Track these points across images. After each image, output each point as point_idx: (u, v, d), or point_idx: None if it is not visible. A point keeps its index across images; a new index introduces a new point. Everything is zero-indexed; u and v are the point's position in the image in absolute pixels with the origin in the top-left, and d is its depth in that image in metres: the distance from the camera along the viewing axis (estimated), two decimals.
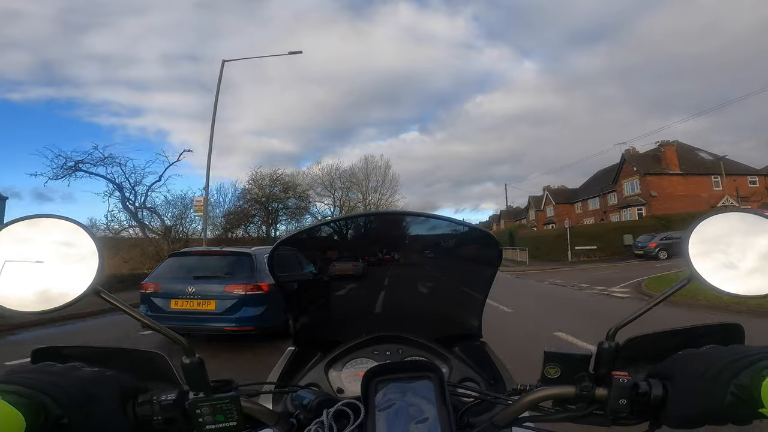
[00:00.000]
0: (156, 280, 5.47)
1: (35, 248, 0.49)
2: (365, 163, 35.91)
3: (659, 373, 0.53)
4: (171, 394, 0.51)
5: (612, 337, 0.55)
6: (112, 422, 0.48)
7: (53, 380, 0.45)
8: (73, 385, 0.46)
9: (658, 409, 0.51)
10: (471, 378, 0.92)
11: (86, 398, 0.46)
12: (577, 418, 0.55)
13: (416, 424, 0.56)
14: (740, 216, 0.56)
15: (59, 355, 0.56)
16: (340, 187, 34.82)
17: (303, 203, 30.17)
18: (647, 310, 0.55)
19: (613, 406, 0.51)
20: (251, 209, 27.90)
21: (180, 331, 0.56)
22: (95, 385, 0.48)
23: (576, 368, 0.55)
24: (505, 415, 0.56)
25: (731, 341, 0.54)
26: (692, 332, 0.58)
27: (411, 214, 0.95)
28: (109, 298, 0.50)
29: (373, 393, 0.61)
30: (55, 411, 0.43)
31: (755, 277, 0.53)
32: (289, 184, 29.26)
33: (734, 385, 0.45)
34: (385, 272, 1.06)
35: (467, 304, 1.02)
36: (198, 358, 0.52)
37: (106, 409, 0.47)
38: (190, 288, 5.15)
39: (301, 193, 29.92)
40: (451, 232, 0.94)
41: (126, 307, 0.51)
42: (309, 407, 0.63)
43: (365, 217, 1.13)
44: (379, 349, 0.97)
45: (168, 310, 5.16)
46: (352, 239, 1.02)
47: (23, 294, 0.48)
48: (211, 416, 0.52)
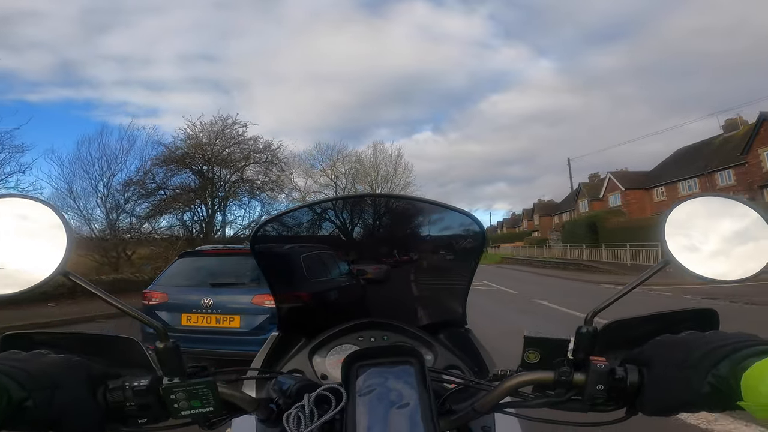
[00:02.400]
0: (162, 288, 4.30)
1: (5, 229, 0.48)
2: (374, 150, 31.96)
3: (636, 359, 0.53)
4: (144, 380, 0.50)
5: (590, 321, 0.54)
6: (80, 408, 0.47)
7: (17, 365, 0.45)
8: (37, 370, 0.46)
9: (634, 395, 0.51)
10: (455, 365, 0.93)
11: (51, 382, 0.46)
12: (555, 404, 0.55)
13: (397, 409, 0.55)
14: (715, 200, 0.57)
15: (29, 341, 0.54)
16: (344, 174, 30.36)
17: (275, 175, 18.66)
18: (624, 293, 0.55)
19: (590, 391, 0.51)
20: (177, 174, 16.49)
21: (196, 356, 0.43)
22: (61, 370, 0.47)
23: (555, 353, 0.54)
24: (486, 401, 0.57)
25: (707, 327, 0.54)
26: (669, 317, 0.57)
27: (395, 197, 1.04)
28: (78, 280, 0.49)
29: (354, 378, 0.61)
30: (18, 393, 0.43)
31: (731, 260, 0.54)
32: (254, 148, 17.83)
33: (712, 375, 0.44)
34: (373, 259, 1.07)
35: (452, 291, 1.03)
36: (173, 342, 0.51)
37: (71, 395, 0.47)
38: (206, 299, 4.00)
39: (273, 159, 18.28)
40: (436, 216, 0.93)
41: (96, 290, 0.51)
42: (289, 392, 0.63)
43: (345, 200, 1.06)
44: (364, 336, 0.97)
45: (178, 328, 3.93)
46: (333, 223, 1.00)
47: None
48: (186, 401, 0.51)
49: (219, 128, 16.84)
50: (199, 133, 16.76)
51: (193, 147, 16.35)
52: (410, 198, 0.89)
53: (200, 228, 16.91)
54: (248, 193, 18.07)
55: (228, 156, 17.14)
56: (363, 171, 31.99)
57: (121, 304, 0.52)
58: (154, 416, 0.52)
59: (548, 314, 8.60)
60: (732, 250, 0.55)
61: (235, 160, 17.41)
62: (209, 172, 17.02)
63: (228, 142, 17.10)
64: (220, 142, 17.01)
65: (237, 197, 17.91)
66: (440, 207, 0.89)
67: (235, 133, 17.17)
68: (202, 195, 16.58)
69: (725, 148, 27.79)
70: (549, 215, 52.14)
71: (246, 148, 17.54)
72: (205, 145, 16.64)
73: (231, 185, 17.58)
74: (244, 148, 17.52)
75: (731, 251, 0.55)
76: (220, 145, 17.01)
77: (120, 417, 0.51)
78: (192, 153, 16.37)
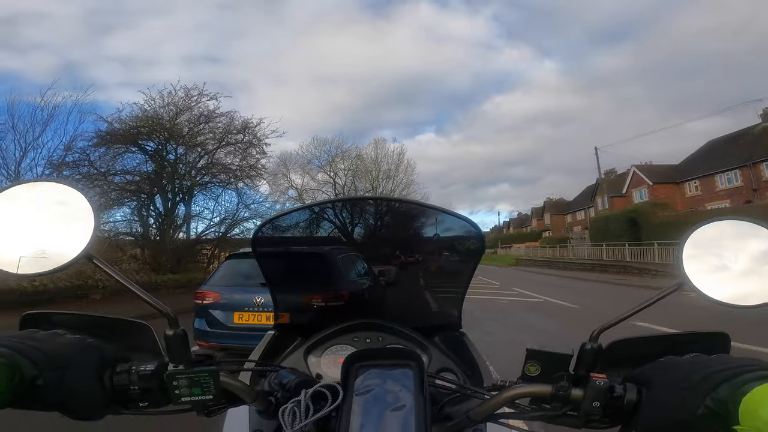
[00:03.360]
0: (214, 288, 4.45)
1: (32, 212, 0.50)
2: (375, 146, 30.92)
3: (636, 378, 0.52)
4: (150, 365, 0.51)
5: (595, 338, 0.54)
6: (87, 388, 0.48)
7: (33, 344, 0.46)
8: (51, 350, 0.47)
9: (630, 414, 0.51)
10: (449, 368, 0.92)
11: (63, 363, 0.47)
12: (550, 418, 0.54)
13: (392, 411, 0.55)
14: (735, 223, 0.56)
15: (47, 321, 0.55)
16: (344, 170, 29.28)
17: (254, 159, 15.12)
18: (633, 313, 0.55)
19: (586, 407, 0.51)
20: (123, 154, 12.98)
21: (247, 353, 0.71)
22: (74, 351, 0.48)
23: (556, 367, 0.54)
24: (481, 410, 0.57)
25: (716, 350, 0.53)
26: (677, 339, 0.57)
27: (395, 200, 1.05)
28: (101, 264, 0.50)
29: (353, 377, 0.61)
30: (31, 371, 0.44)
31: (746, 286, 0.53)
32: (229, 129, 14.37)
33: (710, 398, 0.43)
34: (369, 260, 1.10)
35: (449, 295, 1.02)
36: (182, 330, 0.52)
37: (81, 375, 0.48)
38: (257, 298, 4.13)
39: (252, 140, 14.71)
40: (435, 220, 0.92)
41: (117, 275, 0.52)
42: (288, 387, 0.63)
43: (344, 201, 1.09)
44: (359, 336, 0.97)
45: (230, 326, 4.19)
46: (332, 225, 1.00)
47: (17, 257, 0.48)
48: (187, 389, 0.51)
49: (181, 101, 13.29)
50: (159, 108, 13.23)
51: (145, 122, 12.75)
52: (409, 201, 0.92)
53: (157, 223, 13.35)
54: (221, 182, 14.49)
55: (192, 134, 13.58)
56: (363, 168, 30.56)
57: (136, 289, 0.53)
58: (155, 401, 0.52)
59: None
60: (752, 274, 0.54)
61: (205, 141, 13.90)
62: (170, 154, 13.52)
63: (197, 119, 13.59)
64: (188, 119, 13.50)
65: (205, 187, 14.32)
66: (438, 211, 0.88)
67: (204, 108, 13.65)
68: (158, 182, 12.99)
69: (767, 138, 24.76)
70: (561, 214, 49.10)
71: (219, 128, 14.03)
72: (166, 121, 13.11)
73: (198, 171, 14.02)
74: (216, 126, 14.01)
75: (751, 276, 0.54)
76: (188, 123, 13.50)
77: (123, 400, 0.51)
78: (145, 129, 12.81)
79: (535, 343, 0.56)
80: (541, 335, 6.42)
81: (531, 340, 0.64)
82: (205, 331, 4.26)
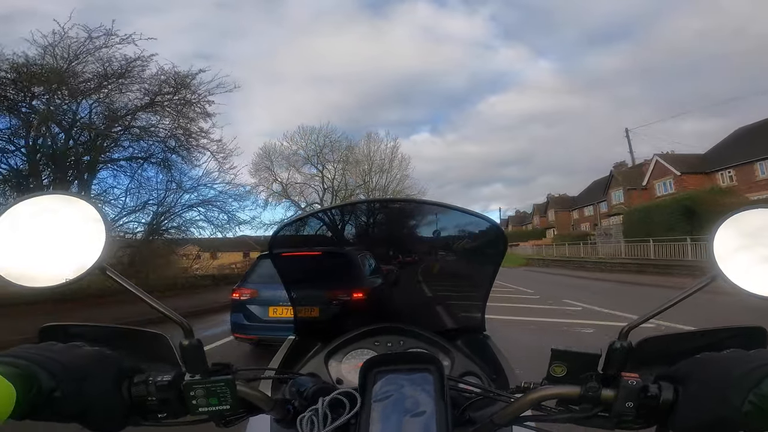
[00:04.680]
0: (251, 285, 4.93)
1: (45, 225, 0.50)
2: (367, 140, 29.35)
3: (671, 377, 0.51)
4: (167, 376, 0.51)
5: (624, 336, 0.52)
6: (105, 399, 0.48)
7: (51, 356, 0.46)
8: (69, 362, 0.47)
9: (666, 413, 0.49)
10: (473, 372, 0.90)
11: (81, 374, 0.47)
12: (579, 420, 0.53)
13: (411, 417, 0.54)
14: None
15: (65, 333, 0.56)
16: (333, 163, 28.01)
17: (188, 119, 10.76)
18: (664, 309, 0.53)
19: (618, 408, 0.49)
20: None
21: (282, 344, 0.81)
22: (92, 363, 0.48)
23: (583, 368, 0.53)
24: (505, 413, 0.55)
25: (753, 346, 0.51)
26: (711, 335, 0.55)
27: (416, 202, 1.02)
28: (114, 276, 0.50)
29: (371, 383, 0.60)
30: (48, 383, 0.44)
31: None
32: (161, 88, 10.03)
33: (754, 394, 0.42)
34: (389, 263, 1.07)
35: (471, 297, 1.00)
36: (197, 340, 0.52)
37: (99, 386, 0.47)
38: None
39: (192, 98, 10.39)
40: (457, 222, 0.91)
41: (131, 286, 0.52)
42: (305, 395, 0.63)
43: (366, 204, 1.10)
44: (380, 341, 0.96)
45: (266, 319, 4.67)
46: (353, 228, 1.00)
47: (31, 269, 0.48)
48: (204, 399, 0.51)
49: (80, 45, 8.92)
50: (48, 56, 8.79)
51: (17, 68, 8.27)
52: (428, 202, 0.89)
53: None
54: (140, 156, 10.14)
55: (94, 89, 9.22)
56: (354, 160, 28.91)
57: (151, 300, 0.52)
58: (173, 412, 0.52)
59: None
60: None
61: (114, 97, 9.56)
62: (59, 104, 9.06)
63: (103, 68, 9.22)
64: (92, 69, 9.16)
65: (116, 163, 9.95)
66: (458, 211, 0.86)
67: (117, 54, 9.29)
68: (33, 160, 8.62)
69: None
70: (567, 210, 45.69)
71: (144, 87, 9.72)
72: (49, 71, 8.68)
73: (106, 139, 9.62)
74: (135, 81, 9.66)
75: None
76: (93, 76, 9.19)
77: (142, 411, 0.51)
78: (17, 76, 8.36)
79: (559, 343, 0.54)
80: None
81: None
82: (243, 325, 4.66)
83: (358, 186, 29.08)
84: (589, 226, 39.33)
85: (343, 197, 29.41)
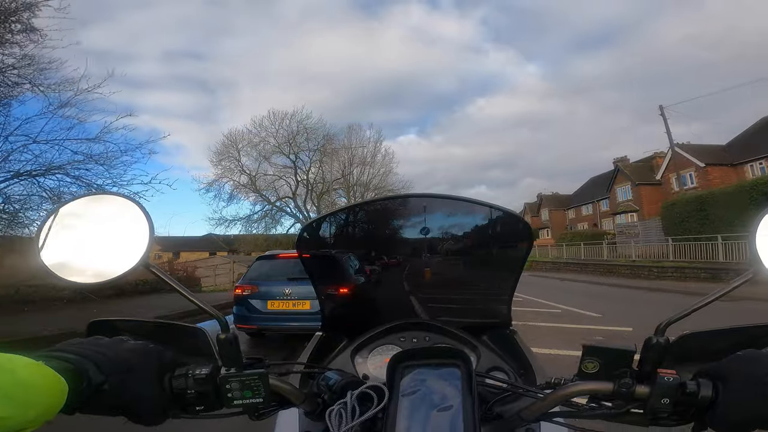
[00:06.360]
0: (251, 282, 5.72)
1: (92, 224, 0.52)
2: (348, 132, 28.41)
3: (711, 373, 0.49)
4: (205, 369, 0.52)
5: (662, 332, 0.51)
6: (148, 392, 0.49)
7: (99, 350, 0.48)
8: (116, 355, 0.48)
9: (704, 410, 0.48)
10: (499, 367, 0.90)
11: (126, 368, 0.48)
12: (612, 416, 0.52)
13: (438, 412, 0.55)
14: None
15: (112, 328, 0.58)
16: (308, 151, 26.68)
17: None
18: (704, 305, 0.51)
19: (654, 404, 0.49)
20: None
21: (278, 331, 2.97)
22: (136, 357, 0.50)
23: (617, 364, 0.52)
24: (534, 408, 0.55)
25: None
26: (753, 331, 0.54)
27: (438, 197, 0.92)
28: (158, 272, 0.52)
29: (399, 378, 0.61)
30: (98, 377, 0.45)
31: None
32: None
33: None
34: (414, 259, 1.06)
35: (497, 292, 1.00)
36: (233, 334, 0.54)
37: (142, 379, 0.49)
38: (287, 289, 5.43)
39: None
40: (481, 216, 0.91)
41: (173, 282, 0.54)
42: (334, 388, 0.63)
43: (387, 200, 1.05)
44: (406, 336, 0.96)
45: (265, 311, 5.49)
46: (376, 226, 1.02)
47: (79, 266, 0.51)
48: (239, 391, 0.53)
49: None
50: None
51: None
52: (453, 197, 0.87)
53: None
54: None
55: None
56: (332, 149, 27.37)
57: (191, 296, 0.55)
58: (210, 404, 0.53)
59: None
60: None
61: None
62: None
63: None
64: None
65: None
66: (483, 206, 0.87)
67: None
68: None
69: None
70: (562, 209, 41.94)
71: None
72: None
73: None
74: None
75: None
76: None
77: (181, 404, 0.52)
78: None
79: (591, 339, 0.50)
80: None
81: None
82: (245, 316, 5.48)
83: (335, 180, 27.29)
84: (588, 225, 35.55)
85: (320, 192, 27.63)
